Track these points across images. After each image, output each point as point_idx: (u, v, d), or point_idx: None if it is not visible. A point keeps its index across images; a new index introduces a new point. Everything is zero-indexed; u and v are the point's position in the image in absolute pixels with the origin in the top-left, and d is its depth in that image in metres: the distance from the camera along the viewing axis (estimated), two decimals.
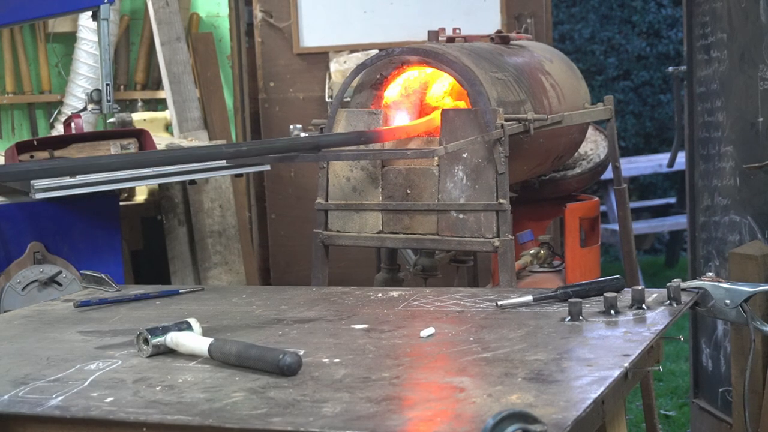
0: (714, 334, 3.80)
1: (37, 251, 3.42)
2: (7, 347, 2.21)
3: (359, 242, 3.09)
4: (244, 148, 2.82)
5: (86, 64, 4.69)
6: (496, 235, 2.90)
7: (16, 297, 3.36)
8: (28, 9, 3.45)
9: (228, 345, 1.98)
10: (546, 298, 2.32)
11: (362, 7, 4.87)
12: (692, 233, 3.95)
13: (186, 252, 4.26)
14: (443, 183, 2.96)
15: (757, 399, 2.98)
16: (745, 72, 3.41)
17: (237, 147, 2.88)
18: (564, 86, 3.43)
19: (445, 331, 2.13)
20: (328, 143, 2.90)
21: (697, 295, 2.31)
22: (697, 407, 3.95)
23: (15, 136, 4.84)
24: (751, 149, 3.39)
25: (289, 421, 1.64)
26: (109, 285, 2.70)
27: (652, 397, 3.48)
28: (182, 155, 2.77)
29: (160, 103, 4.90)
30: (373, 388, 1.78)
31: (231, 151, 2.72)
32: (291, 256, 4.98)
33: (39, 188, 3.25)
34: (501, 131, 2.90)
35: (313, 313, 2.37)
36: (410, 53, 3.08)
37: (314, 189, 3.18)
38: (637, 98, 9.25)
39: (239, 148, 2.82)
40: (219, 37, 4.96)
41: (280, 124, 4.91)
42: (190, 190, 4.26)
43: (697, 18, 3.82)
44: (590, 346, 1.97)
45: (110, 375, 1.95)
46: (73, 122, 3.57)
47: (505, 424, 1.48)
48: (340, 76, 4.70)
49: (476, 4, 4.82)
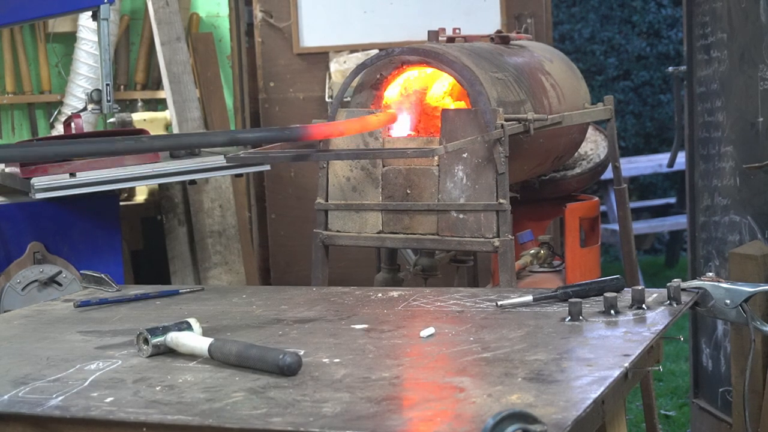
0: (714, 334, 3.80)
1: (37, 251, 3.42)
2: (7, 347, 2.21)
3: (359, 242, 3.09)
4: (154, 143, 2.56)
5: (86, 64, 4.69)
6: (496, 235, 2.90)
7: (16, 297, 3.36)
8: (28, 9, 3.45)
9: (228, 345, 1.98)
10: (546, 298, 2.32)
11: (362, 7, 4.87)
12: (692, 233, 3.95)
13: (186, 252, 4.26)
14: (443, 183, 2.96)
15: (757, 399, 2.98)
16: (745, 72, 3.41)
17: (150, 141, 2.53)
18: (564, 86, 3.43)
19: (445, 331, 2.13)
20: (246, 140, 2.80)
21: (697, 295, 2.31)
22: (697, 407, 3.95)
23: (15, 136, 4.84)
24: (751, 149, 3.39)
25: (289, 421, 1.64)
26: (109, 285, 2.70)
27: (652, 397, 3.48)
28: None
29: (160, 103, 4.90)
30: (373, 388, 1.78)
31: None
32: (291, 256, 4.98)
33: (39, 188, 3.25)
34: (501, 131, 2.90)
35: (313, 313, 2.37)
36: (410, 53, 3.08)
37: (314, 189, 3.18)
38: (637, 98, 9.25)
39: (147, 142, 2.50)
40: (219, 37, 4.96)
41: (279, 124, 4.91)
42: (190, 190, 4.26)
43: (697, 18, 3.82)
44: (590, 346, 1.97)
45: (110, 375, 1.95)
46: (73, 122, 3.58)
47: (505, 424, 1.48)
48: (340, 76, 4.70)
49: (476, 4, 4.82)
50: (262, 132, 2.65)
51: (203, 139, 2.38)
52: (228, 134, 2.58)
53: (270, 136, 2.68)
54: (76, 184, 3.31)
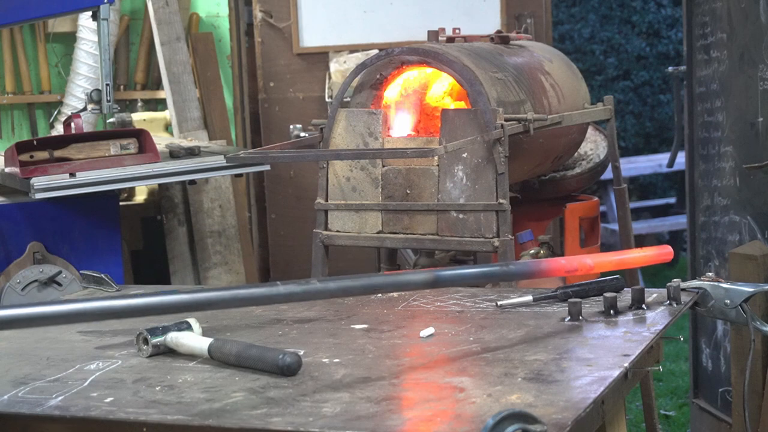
0: (714, 334, 3.80)
1: (37, 251, 3.42)
2: (7, 347, 2.21)
3: (359, 242, 3.09)
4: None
5: (86, 64, 4.69)
6: (496, 235, 2.90)
7: (16, 297, 3.36)
8: (28, 9, 3.45)
9: (228, 345, 1.98)
10: (546, 298, 2.32)
11: (362, 7, 4.87)
12: (692, 233, 3.95)
13: (186, 252, 4.26)
14: (443, 183, 2.96)
15: (757, 399, 2.98)
16: (745, 72, 3.41)
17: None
18: (564, 86, 3.43)
19: (445, 331, 2.13)
20: (451, 281, 2.00)
21: (697, 295, 2.31)
22: (697, 407, 3.95)
23: (15, 136, 4.84)
24: (751, 149, 3.39)
25: (289, 421, 1.64)
26: (109, 285, 2.70)
27: (652, 397, 3.48)
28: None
29: (160, 103, 4.90)
30: (373, 388, 1.78)
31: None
32: (291, 256, 4.98)
33: (39, 188, 3.25)
34: (501, 131, 2.90)
35: (313, 313, 2.37)
36: (410, 53, 3.08)
37: (314, 189, 3.18)
38: (637, 98, 9.25)
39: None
40: (219, 37, 4.96)
41: (279, 124, 4.91)
42: (190, 190, 4.26)
43: (697, 18, 3.82)
44: (590, 346, 1.97)
45: (110, 375, 1.95)
46: (73, 122, 3.57)
47: (505, 424, 1.48)
48: (340, 76, 4.70)
49: (476, 4, 4.82)
50: (474, 269, 1.90)
51: (401, 279, 1.83)
52: (431, 274, 1.86)
53: (479, 273, 1.94)
54: (76, 184, 3.31)
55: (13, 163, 3.35)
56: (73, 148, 3.44)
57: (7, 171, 3.46)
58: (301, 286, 1.78)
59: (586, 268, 1.87)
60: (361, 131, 3.08)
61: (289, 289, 1.76)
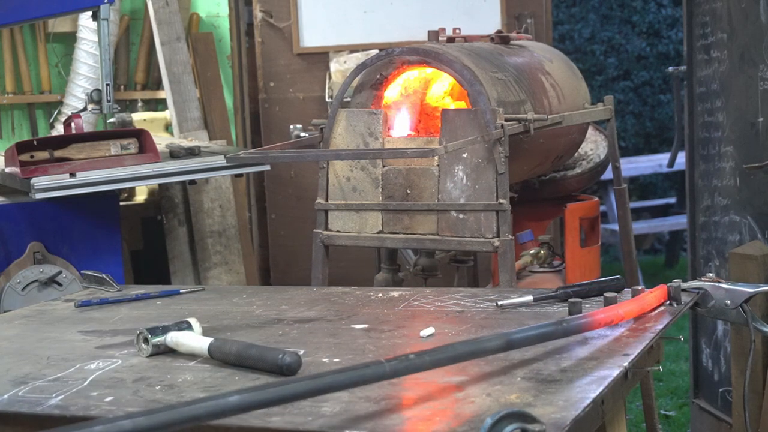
0: (714, 335, 3.80)
1: (37, 251, 3.42)
2: (7, 347, 2.21)
3: (359, 242, 3.09)
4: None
5: (86, 64, 4.69)
6: (496, 235, 2.90)
7: (16, 297, 3.36)
8: (28, 9, 3.45)
9: (228, 345, 1.98)
10: (546, 298, 2.32)
11: (362, 7, 4.87)
12: (692, 233, 3.95)
13: (186, 252, 4.26)
14: (443, 183, 2.96)
15: (757, 399, 2.98)
16: (745, 72, 3.41)
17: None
18: (564, 86, 3.43)
19: (445, 331, 2.13)
20: (523, 342, 1.92)
21: (697, 296, 2.31)
22: (697, 407, 3.95)
23: (15, 136, 4.84)
24: (751, 149, 3.39)
25: (289, 421, 1.64)
26: (110, 285, 2.70)
27: (652, 397, 3.48)
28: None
29: (160, 103, 4.90)
30: (372, 387, 1.78)
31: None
32: (291, 256, 4.98)
33: (39, 188, 3.25)
34: (501, 131, 2.90)
35: (313, 313, 2.37)
36: (410, 53, 3.08)
37: (314, 189, 3.18)
38: (637, 98, 9.25)
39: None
40: (219, 37, 4.96)
41: (280, 124, 4.91)
42: (190, 190, 4.26)
43: (697, 18, 3.82)
44: (590, 346, 1.97)
45: (110, 374, 1.95)
46: (73, 122, 3.57)
47: (504, 423, 1.48)
48: (340, 76, 4.70)
49: (476, 4, 4.82)
50: (537, 329, 1.91)
51: (478, 346, 1.79)
52: (503, 337, 1.87)
53: (544, 333, 1.94)
54: (76, 184, 3.31)
55: (14, 163, 3.36)
56: (73, 148, 3.44)
57: (7, 171, 3.47)
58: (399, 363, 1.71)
59: (618, 317, 2.06)
60: (362, 131, 3.08)
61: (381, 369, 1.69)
